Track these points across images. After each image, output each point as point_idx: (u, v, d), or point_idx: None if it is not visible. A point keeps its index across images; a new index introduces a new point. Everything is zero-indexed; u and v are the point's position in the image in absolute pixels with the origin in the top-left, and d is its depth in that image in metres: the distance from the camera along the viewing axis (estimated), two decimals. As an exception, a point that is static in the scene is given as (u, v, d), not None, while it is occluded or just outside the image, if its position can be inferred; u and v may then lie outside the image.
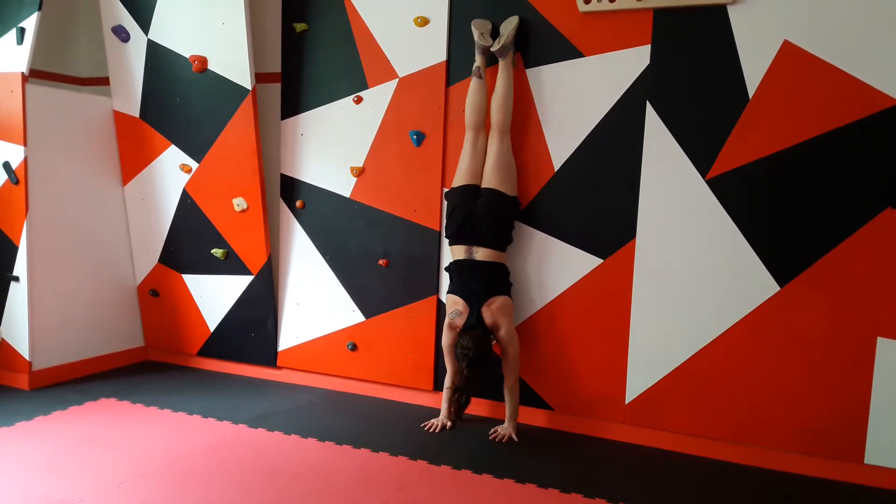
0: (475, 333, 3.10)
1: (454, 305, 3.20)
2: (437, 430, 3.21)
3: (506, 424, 3.17)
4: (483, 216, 3.17)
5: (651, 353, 3.10)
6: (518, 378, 3.17)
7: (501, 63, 3.20)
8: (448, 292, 3.27)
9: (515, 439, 3.11)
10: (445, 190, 3.37)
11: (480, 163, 3.26)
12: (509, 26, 3.18)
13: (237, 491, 2.51)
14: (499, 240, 3.21)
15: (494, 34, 3.25)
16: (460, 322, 3.16)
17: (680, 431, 3.08)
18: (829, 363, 2.81)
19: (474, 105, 3.25)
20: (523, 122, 3.27)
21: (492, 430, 3.16)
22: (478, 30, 3.22)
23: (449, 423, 3.25)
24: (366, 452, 2.93)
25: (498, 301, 3.14)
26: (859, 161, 2.73)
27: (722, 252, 2.95)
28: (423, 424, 3.28)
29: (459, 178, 3.28)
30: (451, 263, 3.30)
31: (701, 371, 3.02)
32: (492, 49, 3.19)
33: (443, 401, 3.31)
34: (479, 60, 3.26)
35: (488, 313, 3.13)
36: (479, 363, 3.08)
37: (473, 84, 3.26)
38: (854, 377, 2.77)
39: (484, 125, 3.26)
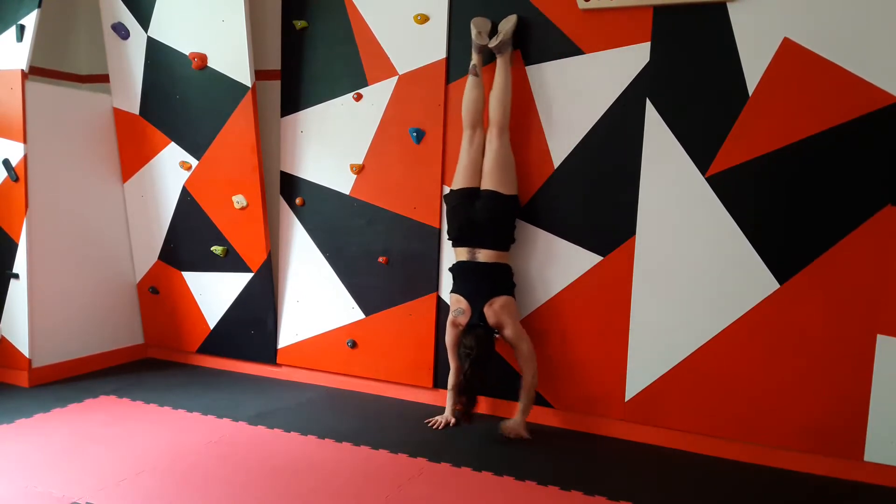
0: (478, 333, 3.08)
1: (457, 304, 3.19)
2: (440, 427, 3.21)
3: (517, 418, 3.12)
4: (483, 219, 3.17)
5: (651, 350, 3.10)
6: (535, 374, 3.12)
7: (499, 60, 3.20)
8: (451, 291, 3.27)
9: (525, 437, 3.08)
10: (445, 192, 3.35)
11: (479, 161, 3.25)
12: (507, 24, 3.19)
13: (237, 488, 2.51)
14: (500, 241, 3.20)
15: (493, 33, 3.24)
16: (463, 320, 3.15)
17: (680, 429, 3.09)
18: (828, 360, 2.81)
19: (471, 103, 3.25)
20: (523, 119, 3.27)
21: (501, 426, 3.12)
22: (476, 28, 3.22)
23: (453, 420, 3.25)
24: (366, 450, 2.93)
25: (500, 300, 3.13)
26: (859, 158, 2.72)
27: (722, 249, 2.95)
28: (426, 421, 3.28)
29: (458, 180, 3.26)
30: (454, 265, 3.30)
31: (701, 368, 3.02)
32: (489, 45, 3.19)
33: (447, 398, 3.30)
34: (475, 59, 3.26)
35: (491, 312, 3.12)
36: (481, 363, 3.05)
37: (470, 82, 3.26)
38: (854, 374, 2.77)
39: (481, 123, 3.26)
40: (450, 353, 3.26)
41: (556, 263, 3.25)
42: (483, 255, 3.18)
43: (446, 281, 3.50)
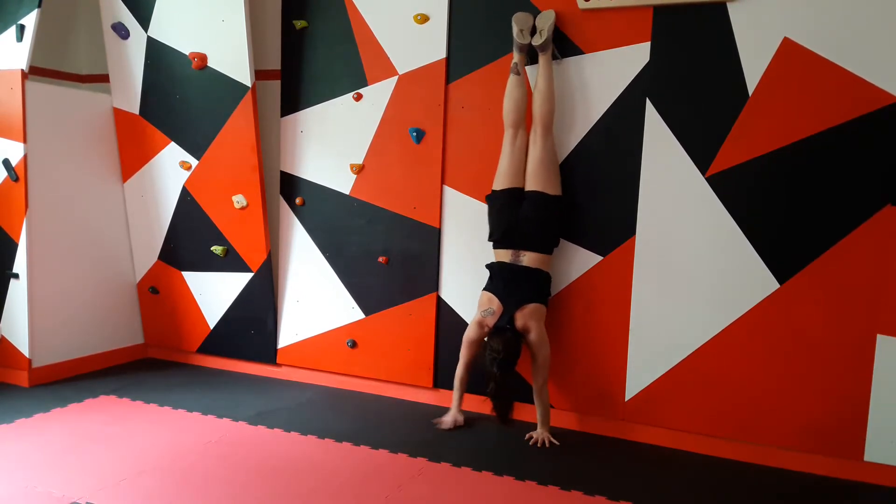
0: (506, 336, 3.03)
1: (489, 304, 3.13)
2: (449, 429, 3.18)
3: (539, 429, 3.10)
4: (529, 222, 3.11)
5: (651, 350, 3.10)
6: (546, 381, 3.10)
7: (542, 58, 3.13)
8: (484, 289, 3.19)
9: (556, 443, 3.05)
10: (488, 193, 3.27)
11: (522, 161, 3.18)
12: (548, 20, 3.11)
13: (236, 488, 2.51)
14: (546, 244, 3.15)
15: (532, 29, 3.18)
16: (491, 322, 3.10)
17: (680, 429, 3.09)
18: (828, 360, 2.81)
19: (513, 102, 3.17)
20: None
21: (527, 435, 3.11)
22: (517, 26, 3.15)
23: (461, 419, 3.23)
24: (365, 450, 2.93)
25: (533, 306, 3.07)
26: (859, 158, 2.73)
27: (722, 249, 2.95)
28: (433, 421, 3.26)
29: (501, 181, 3.20)
30: (493, 263, 3.23)
31: (701, 368, 3.02)
32: (533, 44, 3.13)
33: (454, 395, 3.28)
34: (516, 57, 3.19)
35: (520, 316, 3.05)
36: (508, 366, 3.02)
37: (512, 81, 3.18)
38: (854, 374, 2.77)
39: (523, 123, 3.20)
40: (464, 347, 3.21)
41: (556, 263, 3.25)
42: (527, 259, 3.12)
43: (446, 281, 3.50)
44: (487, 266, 3.27)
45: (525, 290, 3.09)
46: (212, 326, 4.11)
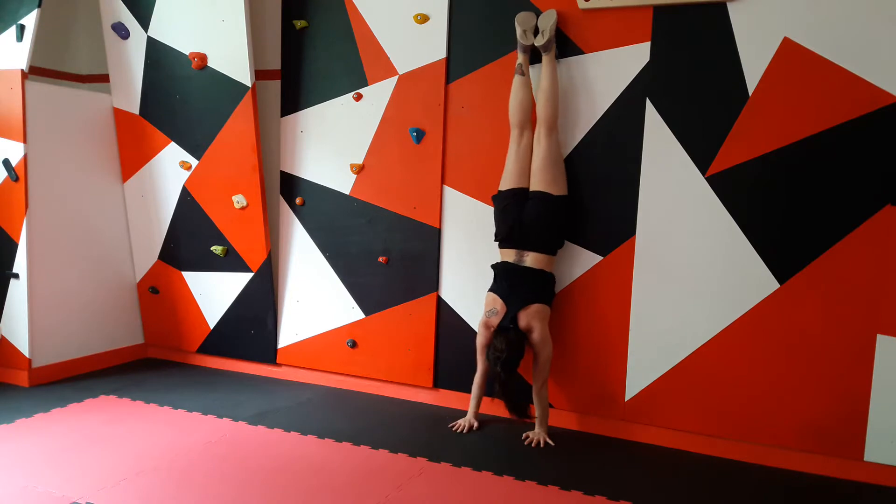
0: (509, 336, 3.04)
1: (493, 304, 3.13)
2: (464, 431, 3.19)
3: (537, 429, 3.11)
4: (533, 222, 3.11)
5: (651, 350, 3.10)
6: (546, 382, 3.11)
7: (545, 58, 3.13)
8: (489, 290, 3.19)
9: (551, 443, 3.06)
10: (494, 194, 3.27)
11: (527, 161, 3.18)
12: (550, 20, 3.11)
13: (236, 488, 2.51)
14: (550, 244, 3.15)
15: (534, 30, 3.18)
16: (495, 321, 3.10)
17: (680, 429, 3.09)
18: (828, 360, 2.81)
19: (518, 102, 3.18)
20: (523, 119, 3.26)
21: (524, 435, 3.12)
22: (521, 26, 3.15)
23: (476, 424, 3.23)
24: (365, 450, 2.93)
25: (536, 307, 3.07)
26: (859, 158, 2.72)
27: (722, 249, 2.95)
28: (450, 425, 3.24)
29: (506, 181, 3.20)
30: (498, 264, 3.23)
31: (701, 368, 3.02)
32: (536, 44, 3.13)
33: (471, 400, 3.28)
34: (521, 58, 3.19)
35: (524, 316, 3.06)
36: (511, 366, 3.03)
37: (517, 82, 3.19)
38: (854, 374, 2.77)
39: (529, 123, 3.19)
40: (479, 354, 3.21)
41: (557, 263, 3.25)
42: (531, 259, 3.13)
43: (446, 281, 3.50)
44: (493, 266, 3.27)
45: (528, 291, 3.10)
46: (212, 326, 4.11)
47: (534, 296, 3.09)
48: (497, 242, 3.25)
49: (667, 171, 3.02)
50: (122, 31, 3.95)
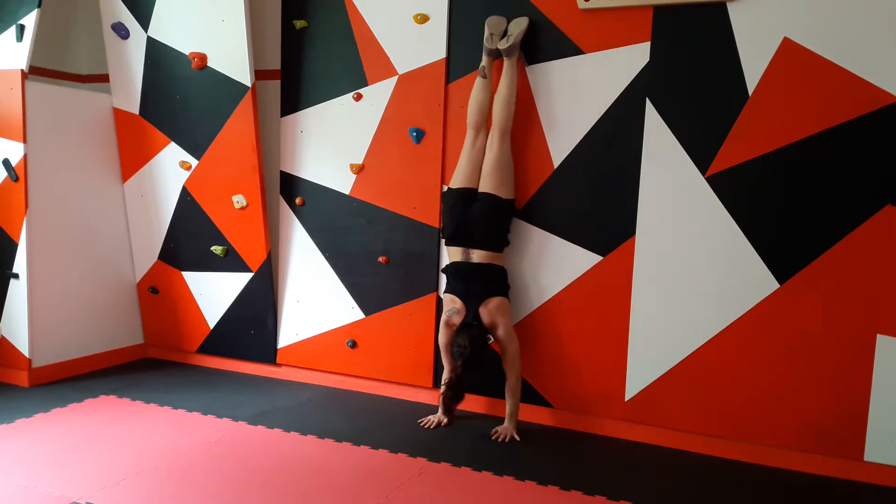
0: (472, 332, 3.11)
1: (451, 304, 3.21)
2: (432, 427, 3.22)
3: (506, 424, 3.16)
4: (479, 221, 3.18)
5: (650, 350, 3.10)
6: (520, 377, 3.16)
7: (506, 62, 3.18)
8: (445, 292, 3.27)
9: (517, 438, 3.10)
10: (443, 190, 3.35)
11: (479, 162, 3.25)
12: (519, 27, 3.15)
13: (236, 488, 2.51)
14: (495, 243, 3.22)
15: (505, 32, 3.21)
16: (457, 320, 3.17)
17: (679, 429, 3.09)
18: (828, 360, 2.81)
19: (477, 104, 3.24)
20: (523, 119, 3.26)
21: (493, 431, 3.15)
22: (489, 29, 3.19)
23: (445, 420, 3.27)
24: (365, 449, 2.93)
25: (495, 301, 3.15)
26: (859, 158, 2.72)
27: (721, 249, 2.95)
28: (419, 421, 3.29)
29: (457, 179, 3.27)
30: (447, 266, 3.30)
31: (701, 368, 3.02)
32: (499, 47, 3.17)
33: (440, 398, 3.31)
34: (485, 60, 3.24)
35: (486, 312, 3.13)
36: (474, 361, 3.08)
37: (478, 83, 3.25)
38: (854, 374, 2.77)
39: (485, 125, 3.26)
40: (443, 353, 3.27)
41: (556, 263, 3.25)
42: (477, 256, 3.19)
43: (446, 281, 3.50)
44: (443, 270, 3.33)
45: (482, 287, 3.17)
46: (212, 326, 4.11)
47: (489, 291, 3.15)
48: (444, 241, 3.31)
49: (667, 171, 3.02)
50: (122, 31, 3.95)
